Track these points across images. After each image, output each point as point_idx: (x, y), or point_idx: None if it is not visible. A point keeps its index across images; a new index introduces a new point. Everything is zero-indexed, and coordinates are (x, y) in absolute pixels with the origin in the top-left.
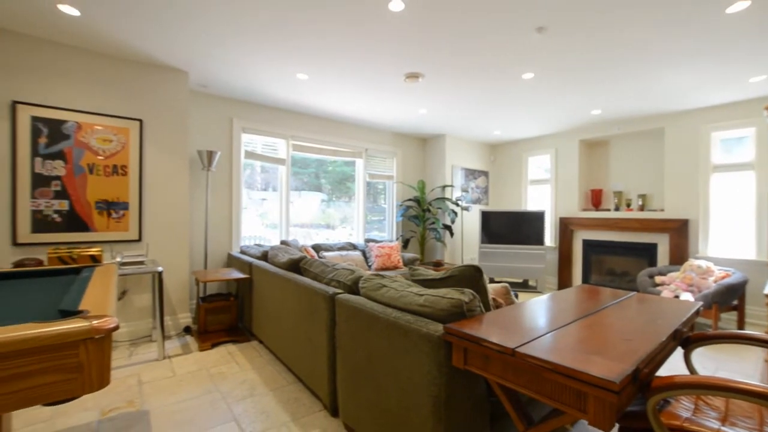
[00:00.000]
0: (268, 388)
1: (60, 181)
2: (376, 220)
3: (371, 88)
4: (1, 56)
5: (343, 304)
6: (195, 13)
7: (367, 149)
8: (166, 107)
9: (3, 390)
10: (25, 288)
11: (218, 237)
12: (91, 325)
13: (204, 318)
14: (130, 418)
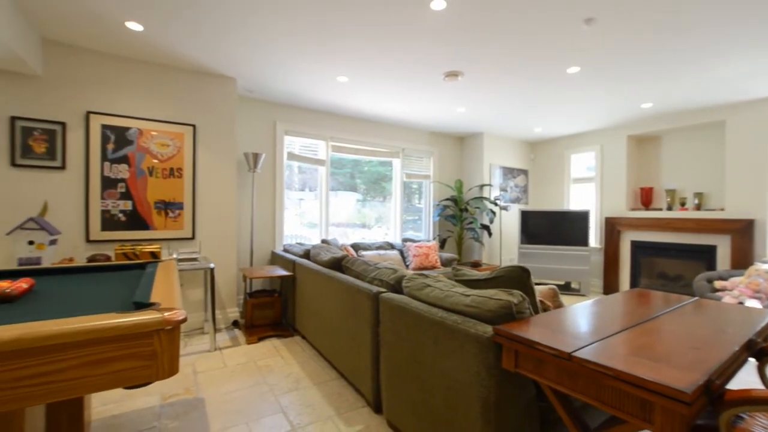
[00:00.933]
0: (312, 382)
1: (125, 183)
2: (411, 219)
3: (409, 88)
4: (78, 72)
5: (387, 303)
6: (242, 23)
7: (404, 149)
8: (217, 112)
9: (94, 372)
10: (100, 281)
11: (262, 235)
12: (164, 317)
13: (251, 313)
14: (188, 405)
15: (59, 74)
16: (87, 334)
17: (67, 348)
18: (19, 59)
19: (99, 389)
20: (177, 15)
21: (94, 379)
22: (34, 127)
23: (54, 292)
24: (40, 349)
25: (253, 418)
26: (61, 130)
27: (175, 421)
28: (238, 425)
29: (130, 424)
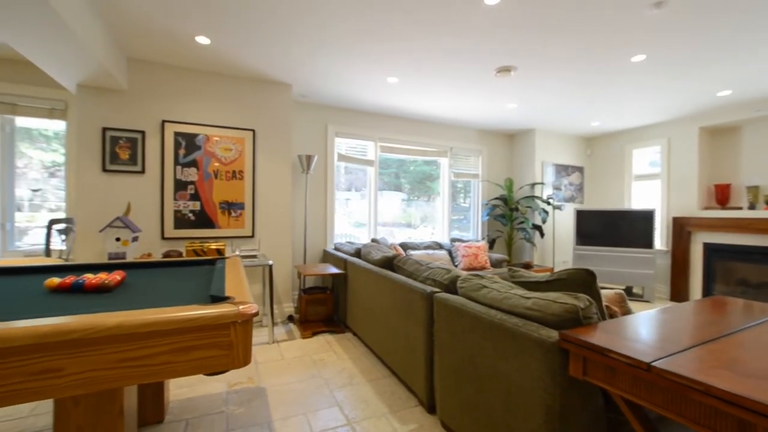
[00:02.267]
0: (365, 379)
1: (194, 185)
2: (456, 219)
3: (459, 86)
4: (155, 85)
5: (442, 303)
6: (298, 31)
7: (452, 148)
8: (274, 117)
9: (180, 358)
10: (176, 275)
11: (315, 234)
12: (239, 310)
13: (305, 308)
14: (251, 393)
15: (140, 88)
16: (176, 324)
17: (158, 335)
18: (111, 76)
19: (184, 374)
20: (239, 28)
21: (180, 365)
22: (120, 136)
23: (141, 284)
24: (137, 336)
25: (310, 410)
26: (141, 138)
27: (241, 408)
28: (297, 416)
29: (201, 407)
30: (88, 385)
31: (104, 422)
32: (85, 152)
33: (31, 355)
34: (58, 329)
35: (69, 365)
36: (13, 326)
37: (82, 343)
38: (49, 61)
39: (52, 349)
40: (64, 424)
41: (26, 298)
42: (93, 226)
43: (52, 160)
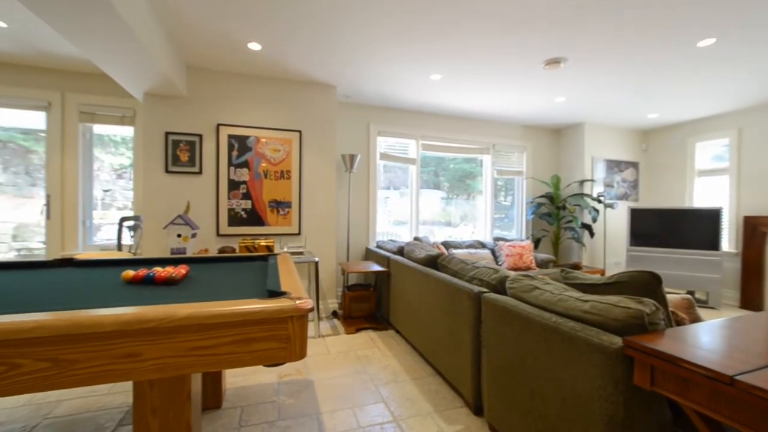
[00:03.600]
0: (409, 377)
1: (245, 185)
2: (497, 217)
3: (504, 80)
4: (211, 90)
5: (491, 304)
6: (342, 34)
7: (495, 144)
8: (319, 118)
9: (242, 349)
10: (233, 269)
11: (357, 232)
12: (296, 305)
13: (348, 305)
14: (300, 385)
15: (198, 94)
16: (239, 316)
17: (224, 327)
18: (173, 84)
19: (246, 364)
20: (288, 33)
21: (243, 355)
22: (180, 140)
23: (202, 277)
24: (206, 326)
25: (357, 405)
26: (198, 141)
27: (291, 398)
28: (344, 409)
29: (254, 396)
30: (163, 371)
31: (175, 405)
32: (150, 155)
33: (116, 340)
34: (137, 317)
35: (147, 351)
36: (101, 314)
37: (157, 331)
38: (123, 73)
39: (133, 335)
40: (142, 404)
41: (106, 288)
42: (158, 223)
43: (120, 163)
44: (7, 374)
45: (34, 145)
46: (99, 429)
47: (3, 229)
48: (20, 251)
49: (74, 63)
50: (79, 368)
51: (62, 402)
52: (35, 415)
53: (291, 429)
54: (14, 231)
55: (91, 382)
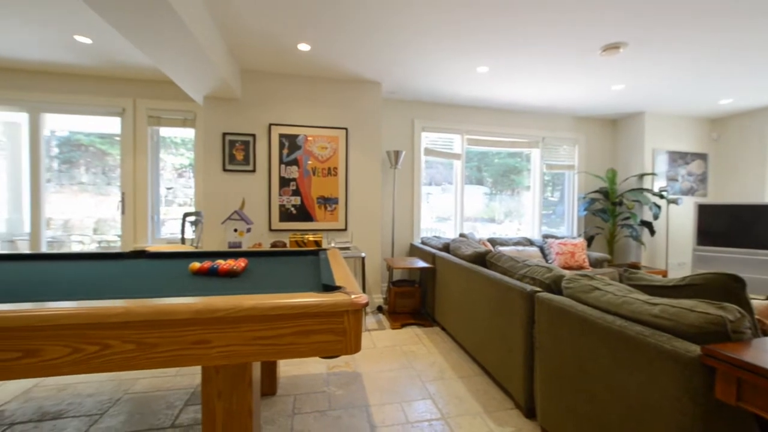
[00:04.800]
0: (456, 375)
1: (295, 182)
2: (544, 214)
3: (556, 70)
4: (263, 92)
5: (546, 304)
6: (388, 31)
7: (544, 138)
8: (365, 115)
9: (301, 340)
10: (287, 263)
11: (401, 228)
12: (351, 300)
13: (394, 300)
14: (348, 377)
15: (251, 96)
16: (299, 309)
17: (284, 318)
18: (229, 88)
19: (305, 355)
20: (335, 32)
21: (301, 346)
22: (236, 140)
23: (259, 270)
24: (268, 317)
25: (405, 400)
26: (252, 141)
27: (340, 390)
28: (392, 403)
29: (306, 385)
30: (229, 358)
31: (238, 390)
32: (209, 154)
33: (189, 327)
34: (207, 307)
35: (215, 339)
36: (176, 302)
37: (225, 320)
38: (186, 79)
39: (203, 324)
40: (209, 387)
41: (176, 278)
42: (216, 218)
43: (180, 163)
44: (101, 353)
45: (109, 148)
46: (169, 407)
47: (86, 223)
48: (100, 243)
49: (144, 72)
50: (158, 351)
51: (138, 380)
52: (118, 389)
53: (342, 419)
54: (95, 225)
55: (168, 365)
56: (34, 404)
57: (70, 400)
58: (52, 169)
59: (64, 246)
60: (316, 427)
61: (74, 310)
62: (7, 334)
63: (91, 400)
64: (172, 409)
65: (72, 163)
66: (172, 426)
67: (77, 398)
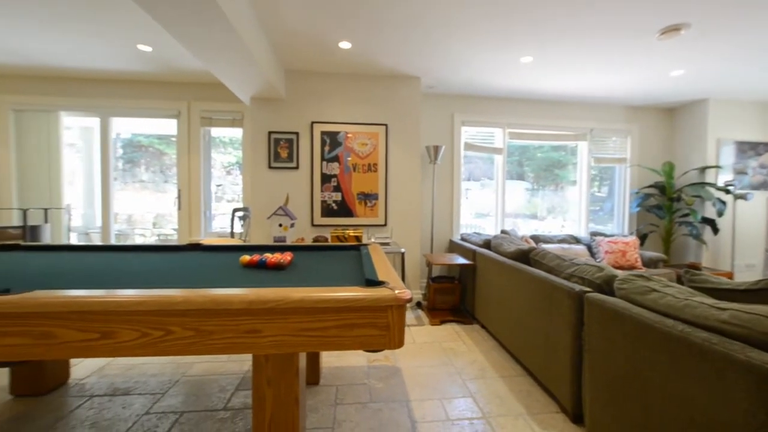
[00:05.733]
0: (498, 374)
1: (336, 178)
2: (591, 210)
3: (606, 57)
4: (306, 90)
5: (596, 305)
6: (429, 24)
7: (593, 129)
8: (404, 111)
9: (345, 333)
10: (329, 258)
11: (441, 224)
12: (395, 295)
13: (433, 296)
14: (388, 370)
15: (294, 95)
16: (344, 303)
17: (330, 311)
18: (274, 88)
19: (349, 348)
20: (375, 29)
21: (346, 339)
22: (280, 138)
23: (304, 264)
24: (315, 310)
25: (445, 396)
26: (295, 139)
27: (380, 383)
28: (432, 399)
29: (347, 377)
30: (279, 347)
31: (285, 378)
32: (256, 153)
33: (242, 317)
34: (259, 298)
35: (266, 329)
36: (231, 293)
37: (274, 311)
38: (235, 81)
39: (255, 314)
40: (259, 375)
41: (228, 270)
42: (262, 213)
43: (228, 161)
44: (165, 338)
45: (166, 148)
46: (222, 390)
47: (146, 218)
48: (159, 236)
49: (198, 76)
50: (214, 339)
51: (194, 364)
52: (176, 372)
53: (382, 412)
54: (154, 219)
55: (223, 352)
56: (107, 380)
57: (137, 379)
58: (118, 168)
59: (128, 238)
60: (358, 418)
61: (143, 298)
62: (89, 317)
63: (154, 380)
64: (224, 393)
65: (134, 162)
66: (225, 409)
67: (142, 377)
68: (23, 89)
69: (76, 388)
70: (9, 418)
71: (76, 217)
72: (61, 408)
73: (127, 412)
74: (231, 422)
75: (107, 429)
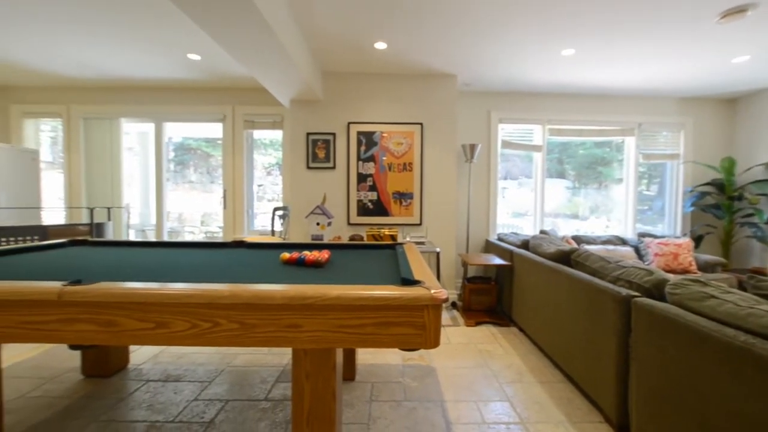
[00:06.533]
0: (536, 379)
1: (372, 177)
2: (638, 209)
3: (657, 45)
4: (342, 92)
5: (645, 310)
6: (466, 21)
7: (641, 124)
8: (440, 109)
9: (382, 331)
10: (365, 256)
11: (476, 224)
12: (432, 294)
13: (468, 297)
14: (423, 370)
15: (331, 96)
16: (381, 301)
17: (367, 309)
18: (312, 90)
19: (385, 346)
20: (411, 28)
21: (382, 337)
22: (318, 139)
23: (341, 262)
24: (352, 307)
25: (481, 399)
26: (332, 139)
27: (415, 382)
28: (467, 401)
29: (382, 374)
30: (317, 342)
31: (323, 373)
32: (294, 154)
33: (283, 312)
34: (299, 294)
35: (305, 324)
36: (272, 288)
37: (313, 307)
38: (275, 85)
39: (295, 309)
40: (298, 368)
41: (270, 266)
42: (301, 212)
43: (268, 162)
44: (213, 330)
45: (212, 150)
46: (263, 381)
47: (195, 216)
48: (206, 233)
49: (241, 81)
50: (258, 332)
51: (238, 355)
52: (222, 362)
53: (417, 411)
54: (202, 218)
55: (265, 345)
56: (161, 367)
57: (186, 367)
58: (170, 170)
59: (179, 235)
60: (393, 416)
61: (193, 292)
62: (146, 308)
63: (202, 368)
64: (265, 384)
65: (184, 164)
66: (266, 399)
67: (191, 366)
68: (92, 99)
69: (135, 372)
70: (82, 395)
71: (134, 215)
72: (122, 390)
73: (178, 397)
74: (272, 412)
75: (161, 412)
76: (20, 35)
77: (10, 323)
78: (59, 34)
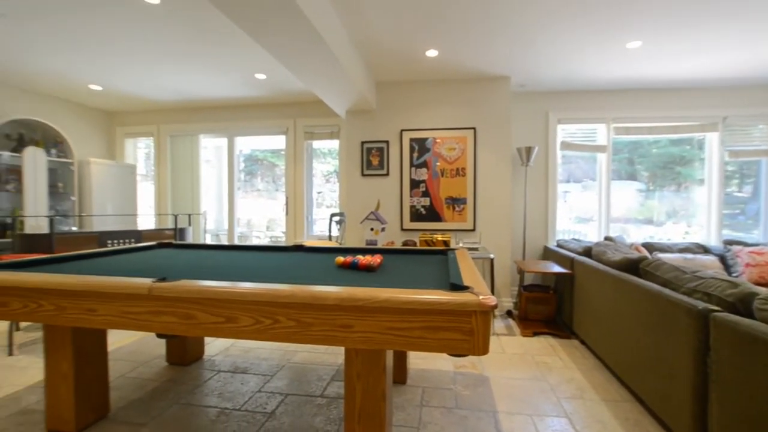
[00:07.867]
0: (599, 397)
1: (424, 183)
2: (727, 214)
3: (740, 29)
4: (395, 100)
5: (728, 327)
6: (519, 20)
7: (726, 117)
8: (493, 112)
9: (430, 335)
10: (417, 261)
11: (534, 230)
12: (480, 300)
13: (525, 306)
14: (475, 378)
15: (384, 105)
16: (429, 305)
17: (415, 313)
18: (366, 101)
19: (433, 350)
20: (462, 34)
21: (429, 341)
22: (372, 147)
23: (393, 266)
24: (401, 310)
25: (537, 413)
26: (386, 147)
27: (467, 390)
28: (522, 414)
29: (433, 380)
30: (367, 343)
31: (374, 373)
32: (351, 162)
33: (335, 312)
34: (350, 295)
35: (357, 324)
36: (326, 290)
37: (364, 309)
38: (332, 98)
39: (347, 310)
40: (350, 368)
41: (325, 269)
42: (356, 218)
43: (327, 170)
44: (273, 326)
45: (277, 160)
46: (319, 379)
47: (261, 222)
48: (271, 238)
49: (301, 96)
50: (313, 330)
51: (297, 352)
52: (282, 358)
53: (468, 420)
54: (267, 223)
55: (319, 342)
56: (230, 359)
57: (252, 361)
58: (240, 179)
59: (248, 239)
60: (443, 422)
61: (257, 290)
62: (217, 304)
63: (266, 363)
64: (321, 382)
65: (252, 174)
66: (321, 396)
67: (256, 360)
68: (176, 119)
69: (209, 363)
70: (166, 380)
71: (209, 221)
72: (198, 378)
73: (245, 388)
74: (327, 408)
75: (230, 400)
76: (124, 70)
77: (115, 312)
78: (155, 67)
